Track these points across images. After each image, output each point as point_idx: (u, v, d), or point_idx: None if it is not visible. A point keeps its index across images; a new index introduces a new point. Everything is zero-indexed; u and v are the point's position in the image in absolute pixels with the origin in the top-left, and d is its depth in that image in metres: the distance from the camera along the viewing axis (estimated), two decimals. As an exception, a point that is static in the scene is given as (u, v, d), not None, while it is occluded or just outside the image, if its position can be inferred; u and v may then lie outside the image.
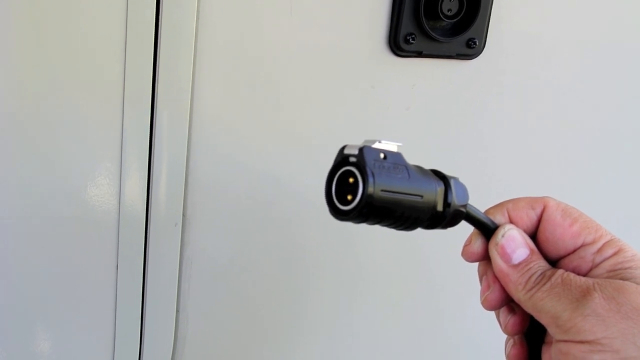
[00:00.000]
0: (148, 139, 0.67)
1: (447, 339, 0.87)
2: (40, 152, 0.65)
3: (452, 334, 0.86)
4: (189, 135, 0.68)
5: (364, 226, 0.41)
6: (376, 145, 0.38)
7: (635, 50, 0.81)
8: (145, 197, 0.69)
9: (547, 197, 0.44)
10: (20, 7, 0.60)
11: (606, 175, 0.85)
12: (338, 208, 0.38)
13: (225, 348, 0.78)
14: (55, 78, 0.63)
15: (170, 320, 0.74)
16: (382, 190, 0.37)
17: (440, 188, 0.40)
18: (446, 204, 0.40)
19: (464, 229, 0.43)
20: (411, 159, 0.41)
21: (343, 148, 0.39)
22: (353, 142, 0.39)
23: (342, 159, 0.39)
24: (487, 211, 0.44)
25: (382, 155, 0.38)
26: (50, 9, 0.61)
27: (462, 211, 0.41)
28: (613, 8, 0.78)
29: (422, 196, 0.39)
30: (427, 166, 0.42)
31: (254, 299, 0.77)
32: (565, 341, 0.38)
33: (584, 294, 0.38)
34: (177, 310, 0.74)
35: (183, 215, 0.71)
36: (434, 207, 0.40)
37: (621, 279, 0.39)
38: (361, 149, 0.37)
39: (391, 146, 0.39)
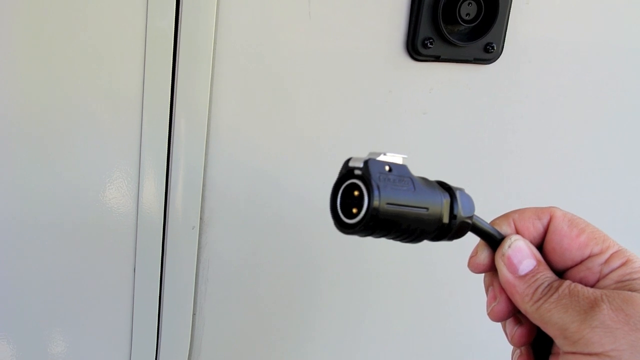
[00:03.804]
0: (166, 144, 0.68)
1: (456, 344, 0.87)
2: (60, 157, 0.66)
3: (460, 339, 0.86)
4: (206, 141, 0.69)
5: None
6: (381, 158, 0.38)
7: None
8: (163, 201, 0.70)
9: (553, 207, 0.44)
10: (39, 15, 0.61)
11: (627, 181, 0.84)
12: (343, 221, 0.38)
13: (241, 350, 0.79)
14: (76, 85, 0.64)
15: (187, 322, 0.74)
16: (387, 204, 0.36)
17: (446, 200, 0.39)
18: (452, 215, 0.40)
19: (471, 239, 0.43)
20: (427, 164, 0.41)
21: (348, 160, 0.38)
22: (362, 152, 0.39)
23: (347, 172, 0.38)
24: (492, 222, 0.44)
25: (387, 168, 0.37)
26: (70, 17, 0.62)
27: (468, 223, 0.40)
28: (632, 13, 0.77)
29: (427, 208, 0.38)
30: (443, 171, 0.42)
31: (270, 302, 0.77)
32: (573, 353, 0.38)
33: (592, 306, 0.38)
34: (194, 313, 0.75)
35: (200, 218, 0.71)
36: (440, 219, 0.39)
37: (629, 290, 0.39)
38: (366, 162, 0.37)
39: (396, 158, 0.38)
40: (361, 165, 0.37)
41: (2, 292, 0.69)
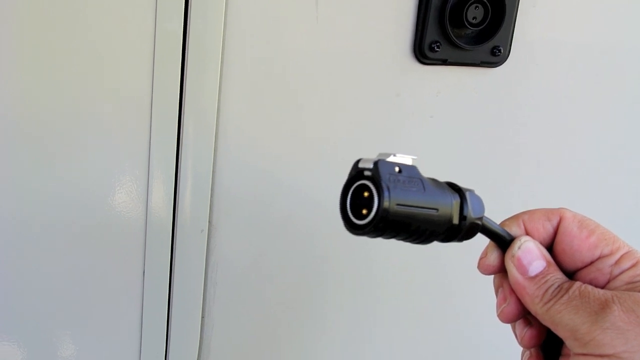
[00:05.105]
0: (175, 148, 0.68)
1: (465, 346, 0.86)
2: (69, 160, 0.66)
3: (470, 341, 0.86)
4: (215, 145, 0.69)
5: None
6: (391, 159, 0.38)
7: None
8: (172, 205, 0.70)
9: (563, 208, 0.44)
10: (48, 17, 0.62)
11: (636, 182, 0.84)
12: (353, 222, 0.38)
13: (250, 353, 0.79)
14: (86, 88, 0.64)
15: (196, 325, 0.74)
16: (397, 204, 0.36)
17: (455, 201, 0.39)
18: (462, 216, 0.39)
19: (480, 240, 0.43)
20: (435, 167, 0.41)
21: (357, 162, 0.38)
22: (369, 154, 0.39)
23: (356, 173, 0.38)
24: (502, 223, 0.44)
25: (397, 169, 0.37)
26: (78, 19, 0.62)
27: (478, 224, 0.40)
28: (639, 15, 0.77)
29: (437, 209, 0.38)
30: (451, 174, 0.42)
31: (279, 305, 0.77)
32: (584, 354, 0.38)
33: (603, 307, 0.38)
34: (203, 316, 0.75)
35: (209, 222, 0.71)
36: (450, 220, 0.39)
37: None
38: (376, 163, 0.37)
39: (406, 159, 0.38)
40: (371, 166, 0.37)
41: (11, 295, 0.69)
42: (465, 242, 0.41)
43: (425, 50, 0.71)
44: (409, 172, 0.38)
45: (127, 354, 0.74)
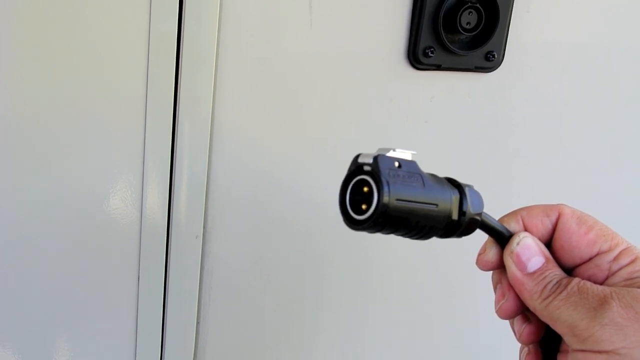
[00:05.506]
0: (169, 152, 0.68)
1: (463, 343, 0.86)
2: (62, 165, 0.66)
3: (468, 338, 0.86)
4: (210, 148, 0.69)
5: (381, 236, 0.40)
6: (391, 154, 0.38)
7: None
8: (167, 210, 0.69)
9: (562, 204, 0.44)
10: (43, 18, 0.62)
11: (631, 179, 0.85)
12: (352, 218, 0.38)
13: (246, 358, 0.78)
14: (79, 91, 0.64)
15: (191, 331, 0.74)
16: (397, 200, 0.36)
17: (455, 196, 0.39)
18: (461, 212, 0.39)
19: (478, 237, 0.43)
20: (429, 171, 0.40)
21: (357, 157, 0.38)
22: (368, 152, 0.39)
23: (356, 168, 0.38)
24: (501, 219, 0.44)
25: (396, 164, 0.37)
26: (73, 20, 0.62)
27: (477, 219, 0.40)
28: (634, 18, 0.78)
29: (437, 205, 0.38)
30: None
31: (274, 310, 0.77)
32: (583, 351, 0.38)
33: (602, 303, 0.38)
34: (198, 322, 0.74)
35: (204, 227, 0.71)
36: (449, 215, 0.39)
37: (639, 287, 0.39)
38: (375, 158, 0.37)
39: (406, 154, 0.38)
40: (370, 161, 0.37)
41: (5, 299, 0.69)
42: (464, 238, 0.41)
43: (419, 56, 0.71)
44: (408, 167, 0.38)
45: (122, 359, 0.74)
